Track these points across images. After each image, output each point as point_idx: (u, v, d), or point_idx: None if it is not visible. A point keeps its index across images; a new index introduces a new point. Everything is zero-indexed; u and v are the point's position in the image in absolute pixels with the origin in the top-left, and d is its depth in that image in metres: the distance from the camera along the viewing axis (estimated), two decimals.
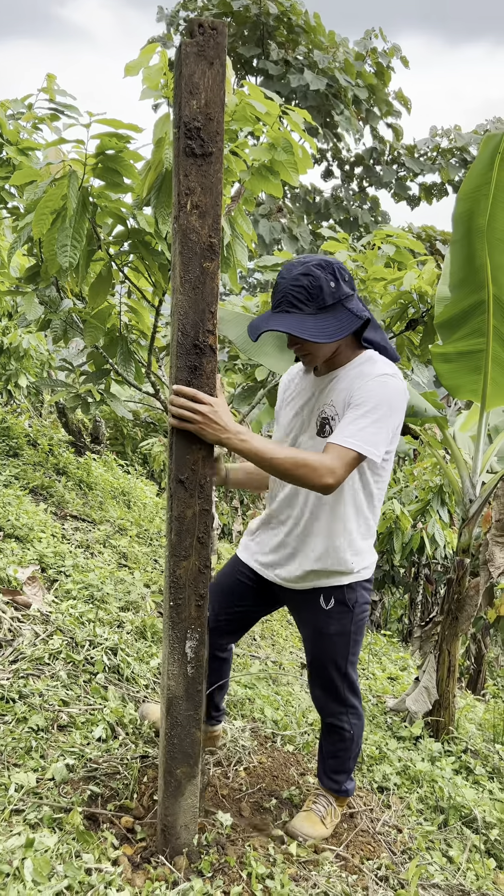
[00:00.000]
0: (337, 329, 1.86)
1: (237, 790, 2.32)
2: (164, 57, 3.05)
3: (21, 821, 1.86)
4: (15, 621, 2.64)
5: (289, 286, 1.86)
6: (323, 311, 1.86)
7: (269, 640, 4.56)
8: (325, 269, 1.87)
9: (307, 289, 1.84)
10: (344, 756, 2.24)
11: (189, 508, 1.78)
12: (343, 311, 1.88)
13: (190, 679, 1.85)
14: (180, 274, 1.64)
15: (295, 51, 14.65)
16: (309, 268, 1.85)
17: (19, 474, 4.58)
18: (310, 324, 1.84)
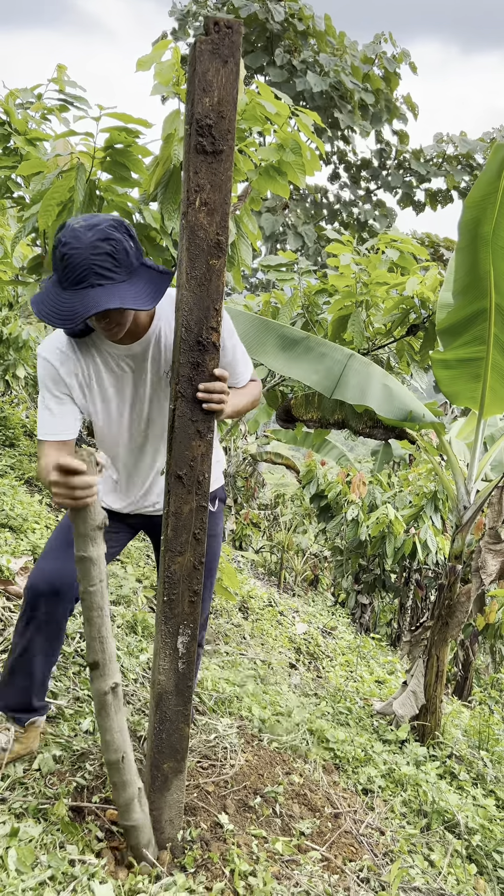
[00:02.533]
0: (153, 291, 1.70)
1: (222, 787, 2.32)
2: (177, 53, 3.05)
3: (6, 810, 1.87)
4: (6, 611, 2.64)
5: (89, 256, 1.62)
6: (132, 275, 1.69)
7: (258, 639, 4.57)
8: (119, 228, 1.68)
9: (112, 255, 1.64)
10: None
11: (186, 504, 1.78)
12: (146, 270, 1.74)
13: (180, 675, 1.85)
14: (186, 270, 1.65)
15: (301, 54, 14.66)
16: (105, 231, 1.64)
17: (15, 465, 4.58)
18: (130, 292, 1.66)
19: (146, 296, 1.69)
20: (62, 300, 1.65)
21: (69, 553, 1.88)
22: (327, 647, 5.26)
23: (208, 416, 1.74)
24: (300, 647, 4.93)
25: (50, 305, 1.67)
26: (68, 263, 1.64)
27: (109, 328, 1.75)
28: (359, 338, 4.18)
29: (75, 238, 1.64)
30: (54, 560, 1.95)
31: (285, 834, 2.23)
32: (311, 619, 5.98)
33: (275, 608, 5.47)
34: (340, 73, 14.15)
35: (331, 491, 9.01)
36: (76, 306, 1.63)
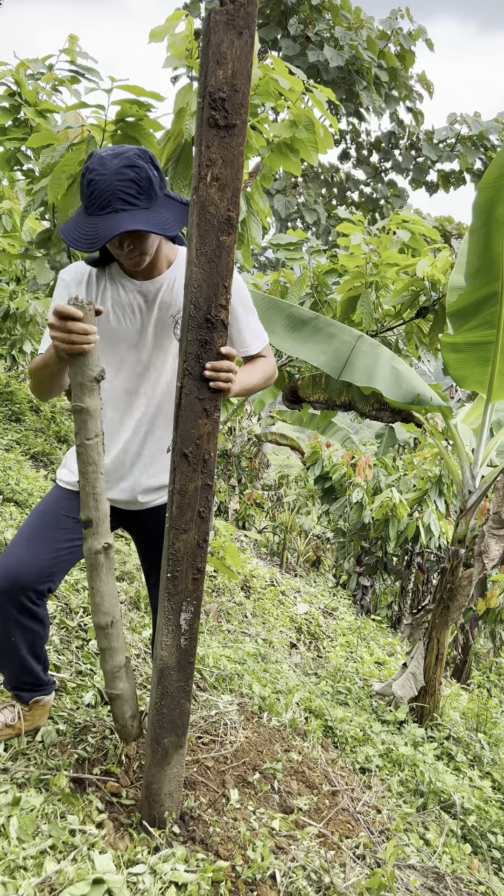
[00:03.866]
0: (176, 220, 1.75)
1: (222, 763, 2.35)
2: (190, 24, 3.00)
3: (8, 780, 1.89)
4: None
5: (115, 182, 1.67)
6: (154, 203, 1.74)
7: (260, 618, 4.60)
8: (144, 157, 1.72)
9: (136, 182, 1.69)
10: None
11: (191, 482, 1.78)
12: (168, 200, 1.78)
13: (183, 651, 1.86)
14: (196, 247, 1.63)
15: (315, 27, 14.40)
16: (130, 159, 1.70)
17: (21, 439, 4.59)
18: (152, 218, 1.71)
19: (168, 223, 1.73)
20: (87, 224, 1.71)
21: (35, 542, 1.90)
22: (328, 627, 5.29)
23: (215, 395, 1.73)
24: (301, 627, 4.96)
25: (75, 230, 1.72)
26: (94, 189, 1.69)
27: (132, 256, 1.78)
28: (368, 319, 4.15)
29: (101, 165, 1.69)
30: (19, 551, 1.89)
31: (283, 810, 2.26)
32: (312, 600, 6.00)
33: (277, 588, 5.49)
34: (357, 47, 13.90)
35: (335, 473, 9.01)
36: (100, 229, 1.68)
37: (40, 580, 1.87)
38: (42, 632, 1.97)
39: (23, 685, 2.05)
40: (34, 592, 1.87)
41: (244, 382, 1.87)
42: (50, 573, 1.89)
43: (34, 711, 2.09)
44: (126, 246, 1.76)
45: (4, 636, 1.91)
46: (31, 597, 1.87)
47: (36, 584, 1.87)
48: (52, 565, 1.89)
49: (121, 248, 1.77)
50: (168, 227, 1.73)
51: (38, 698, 2.08)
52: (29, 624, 1.91)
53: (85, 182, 1.72)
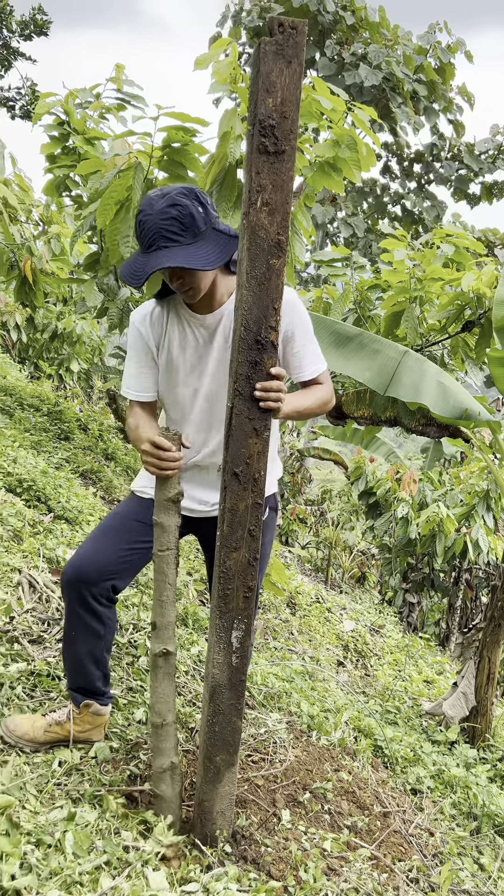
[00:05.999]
0: (219, 253, 1.83)
1: (272, 781, 2.35)
2: (234, 51, 3.06)
3: (63, 795, 1.92)
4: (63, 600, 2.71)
5: (158, 221, 1.78)
6: (199, 238, 1.81)
7: (306, 635, 4.58)
8: (189, 195, 1.81)
9: (178, 219, 1.78)
10: None
11: (242, 501, 1.80)
12: (216, 234, 1.85)
13: (234, 668, 1.88)
14: (247, 270, 1.66)
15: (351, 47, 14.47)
16: (173, 198, 1.79)
17: (70, 457, 4.68)
18: (193, 253, 1.79)
19: (210, 257, 1.81)
20: (137, 262, 1.84)
21: (102, 539, 2.02)
22: (375, 645, 5.24)
23: (265, 415, 1.75)
24: (348, 645, 4.92)
25: (128, 266, 1.86)
26: (142, 229, 1.81)
27: (184, 290, 1.88)
28: (412, 334, 4.14)
29: (149, 206, 1.81)
30: (83, 549, 2.02)
31: (334, 830, 2.24)
32: (358, 617, 5.95)
33: (322, 604, 5.47)
34: (392, 64, 13.92)
35: (380, 488, 8.94)
36: (145, 266, 1.80)
37: (102, 576, 1.98)
38: (102, 633, 2.04)
39: (78, 687, 2.10)
40: (96, 587, 1.97)
41: (295, 405, 1.89)
42: (113, 571, 1.99)
43: (84, 717, 2.12)
44: (175, 280, 1.86)
45: (66, 630, 2.03)
46: (92, 592, 1.98)
47: (98, 579, 1.98)
48: (115, 563, 2.00)
49: (172, 282, 1.88)
50: (206, 262, 1.79)
51: (90, 703, 2.11)
52: (89, 621, 2.00)
53: (137, 223, 1.83)
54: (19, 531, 3.18)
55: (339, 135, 3.32)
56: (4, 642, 2.39)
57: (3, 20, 10.36)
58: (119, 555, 2.01)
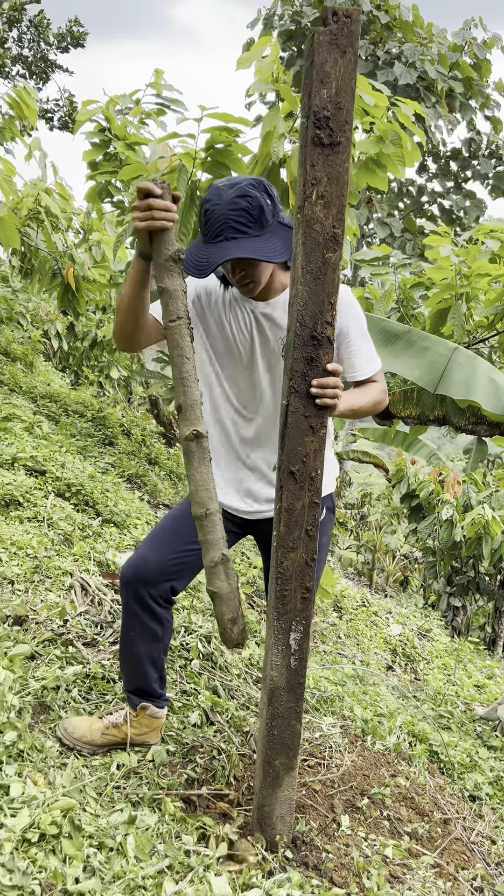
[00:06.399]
0: (285, 247, 1.79)
1: (329, 786, 2.31)
2: (276, 49, 3.05)
3: (123, 798, 1.91)
4: (115, 603, 2.71)
5: (227, 211, 1.74)
6: (266, 231, 1.78)
7: (353, 639, 4.52)
8: (258, 187, 1.78)
9: (248, 210, 1.74)
10: None
11: (298, 500, 1.77)
12: (281, 227, 1.82)
13: (293, 671, 1.85)
14: (302, 264, 1.63)
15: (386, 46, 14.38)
16: (243, 189, 1.75)
17: (115, 462, 4.70)
18: (261, 246, 1.75)
19: (276, 250, 1.78)
20: (201, 252, 1.78)
21: (159, 540, 2.01)
22: (423, 649, 5.15)
23: (321, 412, 1.72)
24: (396, 649, 4.85)
25: (191, 256, 1.80)
26: (209, 219, 1.76)
27: (244, 283, 1.84)
28: (459, 331, 4.06)
29: (217, 195, 1.77)
30: (142, 548, 2.01)
31: (394, 837, 2.19)
32: (404, 621, 5.87)
33: (368, 608, 5.40)
34: (426, 62, 13.78)
35: (422, 490, 8.82)
36: (211, 256, 1.75)
37: (161, 577, 1.96)
38: (160, 634, 2.03)
39: (135, 689, 2.09)
40: (154, 588, 1.96)
41: (350, 403, 1.86)
42: (171, 571, 1.98)
43: (141, 720, 2.10)
44: (238, 272, 1.84)
45: (124, 631, 2.03)
46: (151, 592, 1.96)
47: (156, 580, 1.96)
48: (174, 564, 1.98)
49: (233, 274, 1.85)
50: (275, 254, 1.77)
51: (146, 705, 2.09)
52: (147, 621, 1.99)
53: (202, 212, 1.80)
54: (69, 535, 3.20)
55: (382, 130, 3.28)
56: (59, 645, 2.40)
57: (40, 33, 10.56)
58: (177, 555, 2.00)
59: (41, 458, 3.74)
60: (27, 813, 1.64)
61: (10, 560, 2.77)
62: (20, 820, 1.62)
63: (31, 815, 1.64)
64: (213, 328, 2.00)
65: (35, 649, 2.31)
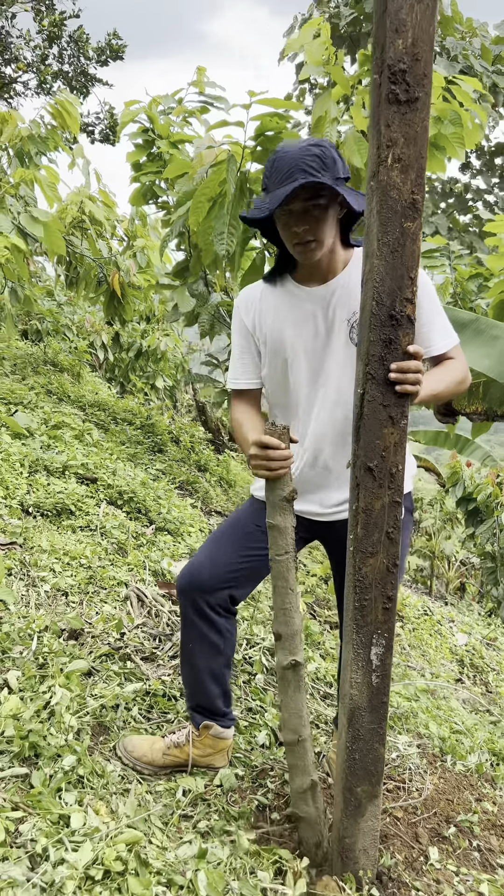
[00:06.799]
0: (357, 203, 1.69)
1: (412, 813, 2.11)
2: (327, 31, 2.90)
3: (191, 827, 1.76)
4: (173, 615, 2.57)
5: (299, 155, 1.65)
6: (337, 184, 1.67)
7: (418, 649, 4.30)
8: (330, 145, 1.70)
9: (321, 157, 1.65)
10: None
11: (377, 500, 1.60)
12: (351, 190, 1.73)
13: (375, 689, 1.67)
14: (377, 236, 1.47)
15: None
16: (314, 140, 1.69)
17: (166, 469, 4.59)
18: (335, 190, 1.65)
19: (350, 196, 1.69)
20: (265, 201, 1.70)
21: (216, 545, 1.89)
22: (491, 659, 4.88)
23: (401, 400, 1.55)
24: (463, 660, 4.60)
25: (253, 210, 1.74)
26: (278, 165, 1.67)
27: (306, 240, 1.70)
28: None
29: (286, 146, 1.70)
30: (198, 555, 1.90)
31: (487, 870, 1.99)
32: (469, 630, 5.60)
33: (431, 617, 5.16)
34: (469, 56, 13.47)
35: (479, 493, 8.51)
36: (278, 194, 1.64)
37: (218, 584, 1.85)
38: (221, 646, 1.90)
39: (197, 705, 1.96)
40: (211, 596, 1.84)
41: (433, 387, 1.68)
42: (229, 579, 1.86)
43: (205, 740, 1.96)
44: (301, 226, 1.69)
45: (183, 643, 1.92)
46: (209, 601, 1.85)
47: (213, 587, 1.84)
48: (232, 571, 1.86)
49: (297, 225, 1.70)
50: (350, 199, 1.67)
51: (209, 724, 1.95)
52: (206, 632, 1.87)
53: (269, 163, 1.71)
54: (123, 544, 3.08)
55: (440, 110, 3.10)
56: (117, 660, 2.27)
57: (80, 48, 10.65)
58: (236, 562, 1.87)
59: (92, 465, 3.64)
60: (90, 847, 1.50)
61: (64, 571, 2.66)
62: (83, 855, 1.48)
63: (94, 850, 1.50)
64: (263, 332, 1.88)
65: (92, 665, 2.18)
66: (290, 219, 1.70)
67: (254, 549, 1.89)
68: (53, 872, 1.43)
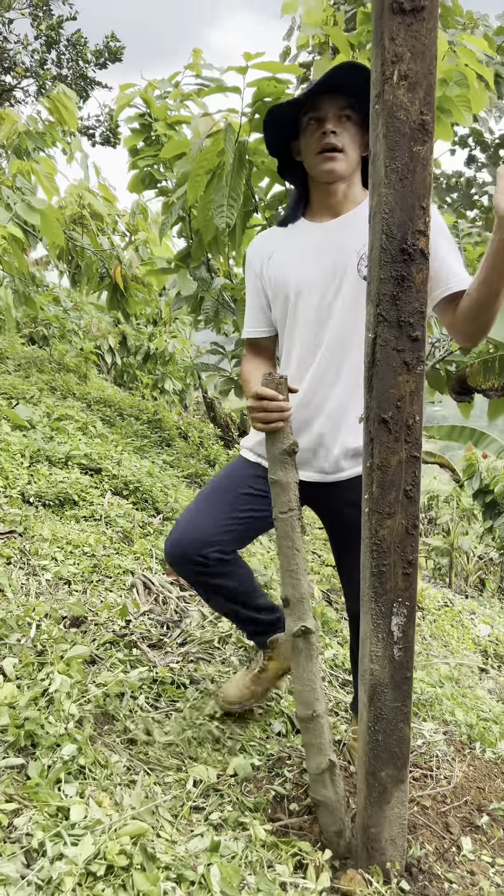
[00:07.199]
0: None
1: (441, 802, 1.97)
2: None
3: (202, 820, 1.63)
4: (182, 601, 2.45)
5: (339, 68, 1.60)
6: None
7: (440, 640, 4.15)
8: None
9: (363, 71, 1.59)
10: None
11: (394, 455, 1.47)
12: None
13: (397, 663, 1.54)
14: (384, 162, 1.35)
15: None
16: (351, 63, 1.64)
17: (174, 462, 4.47)
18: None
19: None
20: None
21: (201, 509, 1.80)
22: None
23: (417, 344, 1.42)
24: (486, 650, 4.45)
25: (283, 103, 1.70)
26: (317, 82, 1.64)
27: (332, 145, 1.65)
28: None
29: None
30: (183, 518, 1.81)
31: None
32: (491, 622, 5.44)
33: (452, 608, 5.01)
34: None
35: (497, 485, 8.34)
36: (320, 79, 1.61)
37: (202, 547, 1.76)
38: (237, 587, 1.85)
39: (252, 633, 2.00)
40: (200, 557, 1.76)
41: None
42: (213, 542, 1.76)
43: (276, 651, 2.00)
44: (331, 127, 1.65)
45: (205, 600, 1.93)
46: (199, 561, 1.76)
47: (198, 550, 1.75)
48: (215, 534, 1.76)
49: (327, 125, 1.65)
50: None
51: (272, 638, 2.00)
52: (215, 583, 1.82)
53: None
54: (129, 532, 2.95)
55: (445, 71, 2.98)
56: (122, 648, 2.14)
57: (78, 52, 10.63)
58: (222, 526, 1.78)
59: (96, 455, 3.52)
60: (91, 840, 1.37)
61: (66, 559, 2.54)
62: (83, 849, 1.35)
63: (95, 843, 1.37)
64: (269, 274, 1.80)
65: (95, 653, 2.06)
66: (320, 123, 1.67)
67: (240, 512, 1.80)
68: (51, 868, 1.31)
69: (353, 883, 1.55)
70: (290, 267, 1.74)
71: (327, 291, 1.70)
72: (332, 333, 1.71)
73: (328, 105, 1.65)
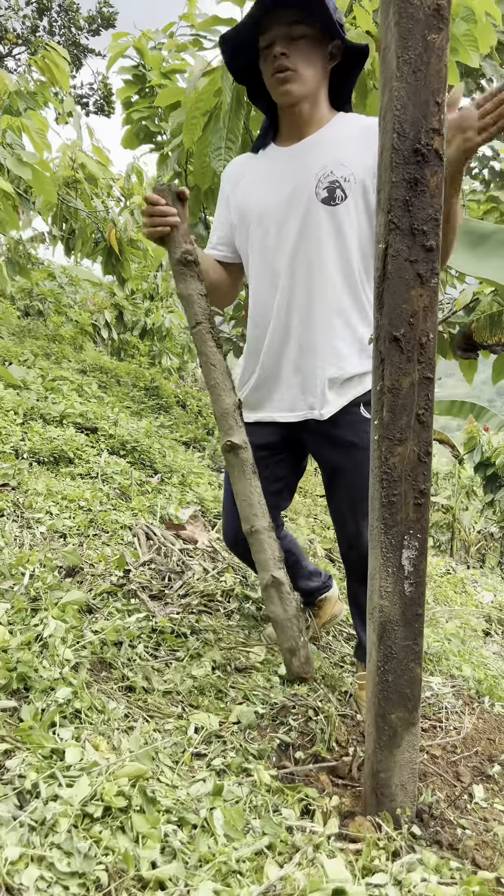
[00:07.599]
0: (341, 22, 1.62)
1: (450, 752, 1.91)
2: None
3: (204, 766, 1.56)
4: (184, 554, 2.37)
5: None
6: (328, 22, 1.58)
7: (444, 605, 4.09)
8: None
9: None
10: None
11: (406, 376, 1.38)
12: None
13: (408, 599, 1.46)
14: (397, 53, 1.25)
15: None
16: None
17: (172, 427, 4.39)
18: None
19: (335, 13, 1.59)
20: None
21: (228, 505, 1.92)
22: None
23: (431, 255, 1.33)
24: (490, 616, 4.39)
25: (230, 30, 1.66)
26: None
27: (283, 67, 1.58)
28: None
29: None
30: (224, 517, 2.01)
31: None
32: (493, 590, 5.39)
33: (455, 575, 4.95)
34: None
35: (498, 457, 8.27)
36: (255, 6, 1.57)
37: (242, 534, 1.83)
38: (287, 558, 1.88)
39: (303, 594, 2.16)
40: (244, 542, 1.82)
41: None
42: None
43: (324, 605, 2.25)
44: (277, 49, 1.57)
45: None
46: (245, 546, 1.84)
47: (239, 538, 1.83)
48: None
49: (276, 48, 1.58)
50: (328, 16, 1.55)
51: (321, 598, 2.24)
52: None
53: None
54: (127, 489, 2.87)
55: (451, 7, 2.84)
56: (120, 597, 2.06)
57: (70, 18, 10.38)
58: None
59: (92, 415, 3.43)
60: (87, 782, 1.30)
61: (62, 513, 2.46)
62: (79, 790, 1.28)
63: (91, 785, 1.30)
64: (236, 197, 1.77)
65: (92, 602, 1.98)
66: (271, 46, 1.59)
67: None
68: (44, 809, 1.23)
69: (362, 828, 1.49)
70: (253, 193, 1.71)
71: (288, 217, 1.64)
72: (296, 260, 1.66)
73: (276, 25, 1.58)
